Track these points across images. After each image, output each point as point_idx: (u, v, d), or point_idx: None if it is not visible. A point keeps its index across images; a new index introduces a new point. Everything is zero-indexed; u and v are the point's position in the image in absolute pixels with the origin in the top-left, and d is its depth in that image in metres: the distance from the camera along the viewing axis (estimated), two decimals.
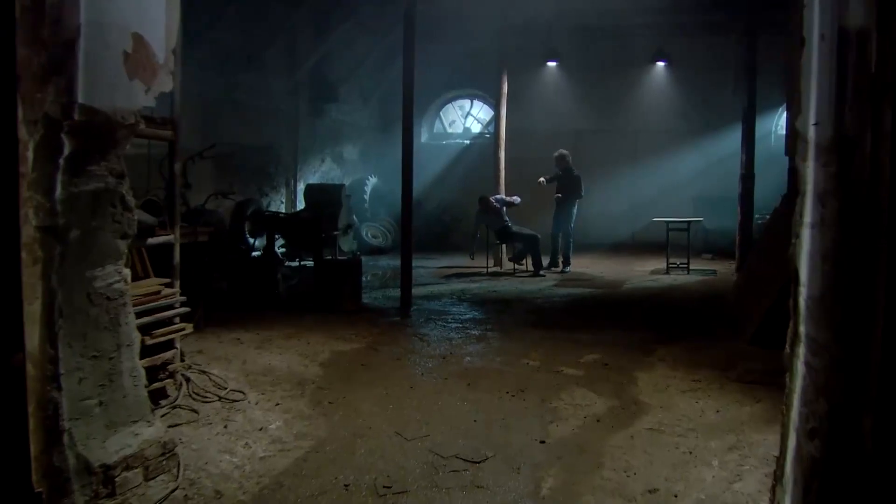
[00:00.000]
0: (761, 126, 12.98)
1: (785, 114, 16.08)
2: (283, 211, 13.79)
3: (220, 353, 6.07)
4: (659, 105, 16.08)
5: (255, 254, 11.78)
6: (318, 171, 15.36)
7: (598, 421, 4.65)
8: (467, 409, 4.86)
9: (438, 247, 15.99)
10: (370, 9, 13.63)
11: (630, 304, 8.91)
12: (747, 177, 11.49)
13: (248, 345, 6.40)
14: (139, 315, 4.35)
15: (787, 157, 9.93)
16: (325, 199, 12.80)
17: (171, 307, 4.70)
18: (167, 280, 4.79)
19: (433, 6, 12.58)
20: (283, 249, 12.42)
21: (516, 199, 12.28)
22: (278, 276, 8.58)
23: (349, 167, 16.59)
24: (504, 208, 12.27)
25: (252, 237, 11.74)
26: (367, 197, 15.84)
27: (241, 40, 12.19)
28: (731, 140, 14.68)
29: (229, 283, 8.22)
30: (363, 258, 13.59)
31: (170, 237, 4.79)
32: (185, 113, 10.95)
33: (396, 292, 8.82)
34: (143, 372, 3.79)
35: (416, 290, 9.61)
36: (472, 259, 12.12)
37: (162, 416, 4.50)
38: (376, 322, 7.57)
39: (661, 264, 12.48)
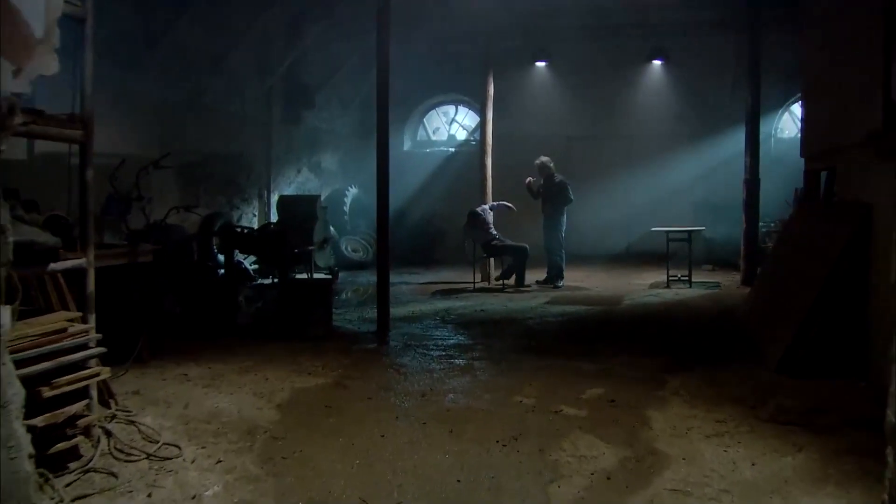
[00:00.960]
0: (761, 129, 12.18)
1: (781, 118, 15.37)
2: (256, 225, 12.92)
3: (161, 393, 5.18)
4: (654, 108, 15.23)
5: (222, 272, 10.92)
6: (294, 182, 14.48)
7: (608, 479, 3.79)
8: (449, 464, 3.99)
9: (423, 260, 15.11)
10: (347, 8, 12.79)
11: (632, 325, 8.07)
12: (752, 182, 10.73)
13: (196, 382, 5.51)
14: (35, 360, 3.48)
15: (792, 161, 9.16)
16: (300, 212, 11.94)
17: (82, 347, 3.81)
18: (79, 314, 3.91)
19: (413, 3, 11.74)
20: (256, 266, 11.56)
21: (508, 203, 11.54)
22: (240, 299, 7.69)
23: (328, 177, 15.72)
24: (492, 214, 11.47)
25: (221, 254, 10.87)
26: (346, 209, 14.95)
27: (206, 41, 11.32)
28: (731, 144, 13.99)
29: (184, 308, 7.32)
30: (342, 274, 12.78)
31: (80, 261, 3.89)
32: (143, 119, 10.27)
33: (375, 312, 7.94)
34: (26, 439, 2.92)
35: (395, 310, 8.75)
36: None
37: (67, 484, 3.62)
38: (348, 350, 6.68)
39: (660, 277, 11.67)
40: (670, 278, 11.03)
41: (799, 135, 15.33)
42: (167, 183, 10.89)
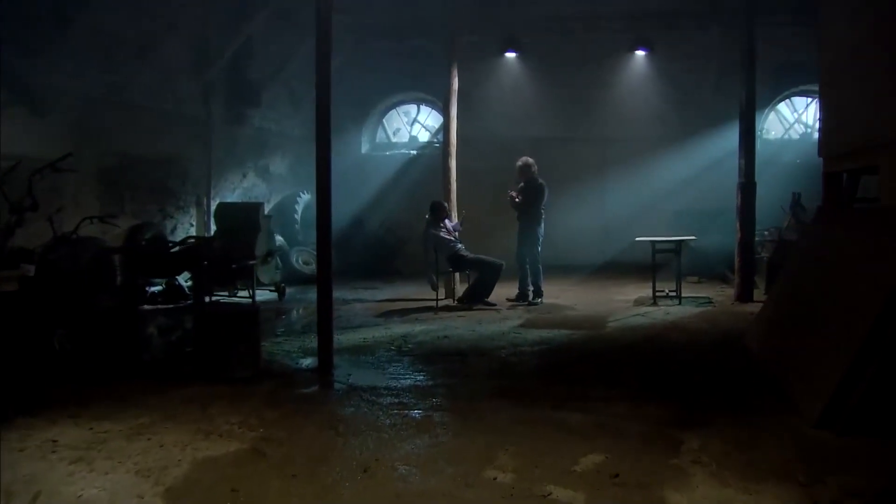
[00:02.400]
0: None
1: (767, 118, 14.36)
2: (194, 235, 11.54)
3: (5, 476, 3.81)
4: (633, 107, 14.02)
5: (154, 289, 9.51)
6: (239, 188, 13.10)
7: None
8: None
9: (381, 272, 13.83)
10: None
11: (624, 355, 6.82)
12: (748, 185, 9.60)
13: (64, 454, 4.13)
14: None
15: (784, 163, 8.13)
16: (240, 222, 10.58)
17: None
18: None
19: None
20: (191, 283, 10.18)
21: (457, 224, 10.32)
22: (148, 331, 6.30)
23: (277, 183, 14.33)
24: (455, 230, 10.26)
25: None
26: (298, 217, 13.61)
27: (131, 26, 9.91)
28: (715, 146, 13.06)
29: (75, 344, 5.94)
30: (291, 290, 11.41)
31: None
32: (52, 115, 8.81)
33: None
34: None
35: (344, 337, 7.51)
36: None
37: None
38: (277, 398, 5.33)
39: (643, 291, 10.52)
40: (657, 294, 9.86)
41: (787, 136, 14.45)
42: (84, 189, 9.49)
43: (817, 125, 14.12)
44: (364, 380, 5.85)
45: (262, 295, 10.63)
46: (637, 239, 10.29)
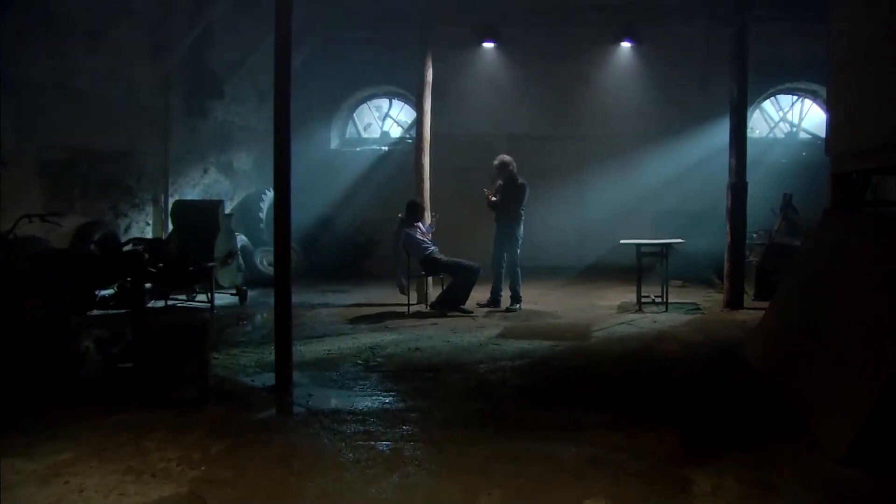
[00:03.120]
0: None
1: (752, 116, 13.91)
2: (151, 235, 10.81)
3: None
4: (615, 103, 13.46)
5: (105, 293, 8.78)
6: (200, 185, 12.34)
7: None
8: None
9: (351, 274, 13.18)
10: None
11: (613, 371, 6.22)
12: (738, 186, 9.10)
13: None
14: None
15: (769, 163, 7.54)
16: (198, 220, 9.88)
17: None
18: None
19: None
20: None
21: (429, 227, 9.76)
22: (84, 345, 5.59)
23: (242, 179, 13.59)
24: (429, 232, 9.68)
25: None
26: (263, 215, 12.88)
27: (79, 8, 9.17)
28: (700, 144, 12.56)
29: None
30: (253, 293, 10.70)
31: None
32: None
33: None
34: None
35: (307, 349, 6.86)
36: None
37: None
38: (226, 425, 4.65)
39: (627, 296, 10.03)
40: (642, 300, 9.32)
41: (773, 135, 14.01)
42: (25, 185, 8.73)
43: (802, 123, 13.79)
44: (326, 402, 5.20)
45: (223, 298, 9.98)
46: (622, 241, 9.74)
